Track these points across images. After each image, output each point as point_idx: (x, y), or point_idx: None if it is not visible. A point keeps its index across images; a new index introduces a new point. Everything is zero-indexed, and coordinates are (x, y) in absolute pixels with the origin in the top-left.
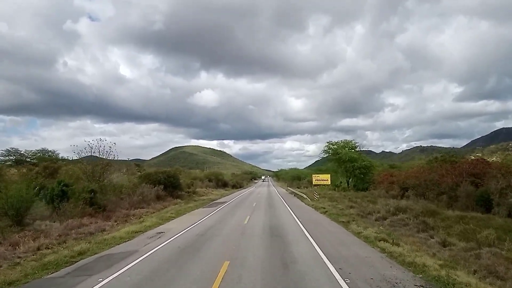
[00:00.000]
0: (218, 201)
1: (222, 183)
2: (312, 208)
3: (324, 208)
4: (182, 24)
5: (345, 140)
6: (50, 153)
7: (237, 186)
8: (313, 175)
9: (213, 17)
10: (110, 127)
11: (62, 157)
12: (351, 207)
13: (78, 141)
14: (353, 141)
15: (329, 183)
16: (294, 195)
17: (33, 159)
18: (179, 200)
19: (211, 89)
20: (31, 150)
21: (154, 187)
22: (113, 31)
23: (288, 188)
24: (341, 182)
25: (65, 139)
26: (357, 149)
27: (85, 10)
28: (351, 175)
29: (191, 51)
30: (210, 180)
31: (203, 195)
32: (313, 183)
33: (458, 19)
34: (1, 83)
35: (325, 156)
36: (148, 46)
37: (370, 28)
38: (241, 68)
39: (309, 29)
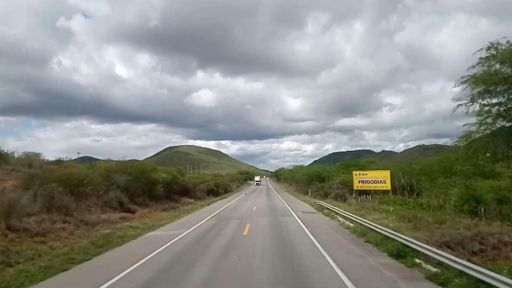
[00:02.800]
0: None
1: (173, 190)
2: None
3: None
4: (179, 22)
5: None
6: None
7: (217, 192)
8: (354, 173)
9: (210, 14)
10: (107, 127)
11: None
12: None
13: (74, 142)
14: None
15: (389, 187)
16: None
17: None
18: None
19: (208, 89)
20: None
21: None
22: (109, 29)
23: (317, 202)
24: None
25: (61, 140)
26: None
27: (80, 7)
28: None
29: (188, 50)
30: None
31: None
32: (355, 187)
33: (458, 17)
34: None
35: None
36: (144, 44)
37: (369, 27)
38: (238, 67)
39: (308, 27)
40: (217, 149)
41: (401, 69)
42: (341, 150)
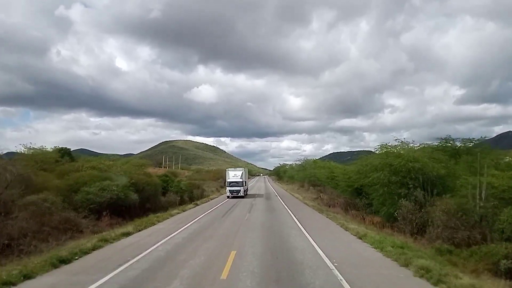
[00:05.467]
0: None
1: None
2: None
3: None
4: (181, 14)
5: None
6: None
7: (146, 205)
8: None
9: (213, 7)
10: (106, 121)
11: None
12: None
13: (73, 134)
14: None
15: None
16: None
17: None
18: None
19: (209, 84)
20: None
21: None
22: (109, 19)
23: None
24: None
25: (60, 132)
26: None
27: None
28: None
29: (189, 44)
30: None
31: None
32: None
33: (465, 20)
34: None
35: None
36: (145, 36)
37: (375, 26)
38: (240, 63)
39: (313, 24)
40: (214, 145)
41: (405, 70)
42: (341, 151)
